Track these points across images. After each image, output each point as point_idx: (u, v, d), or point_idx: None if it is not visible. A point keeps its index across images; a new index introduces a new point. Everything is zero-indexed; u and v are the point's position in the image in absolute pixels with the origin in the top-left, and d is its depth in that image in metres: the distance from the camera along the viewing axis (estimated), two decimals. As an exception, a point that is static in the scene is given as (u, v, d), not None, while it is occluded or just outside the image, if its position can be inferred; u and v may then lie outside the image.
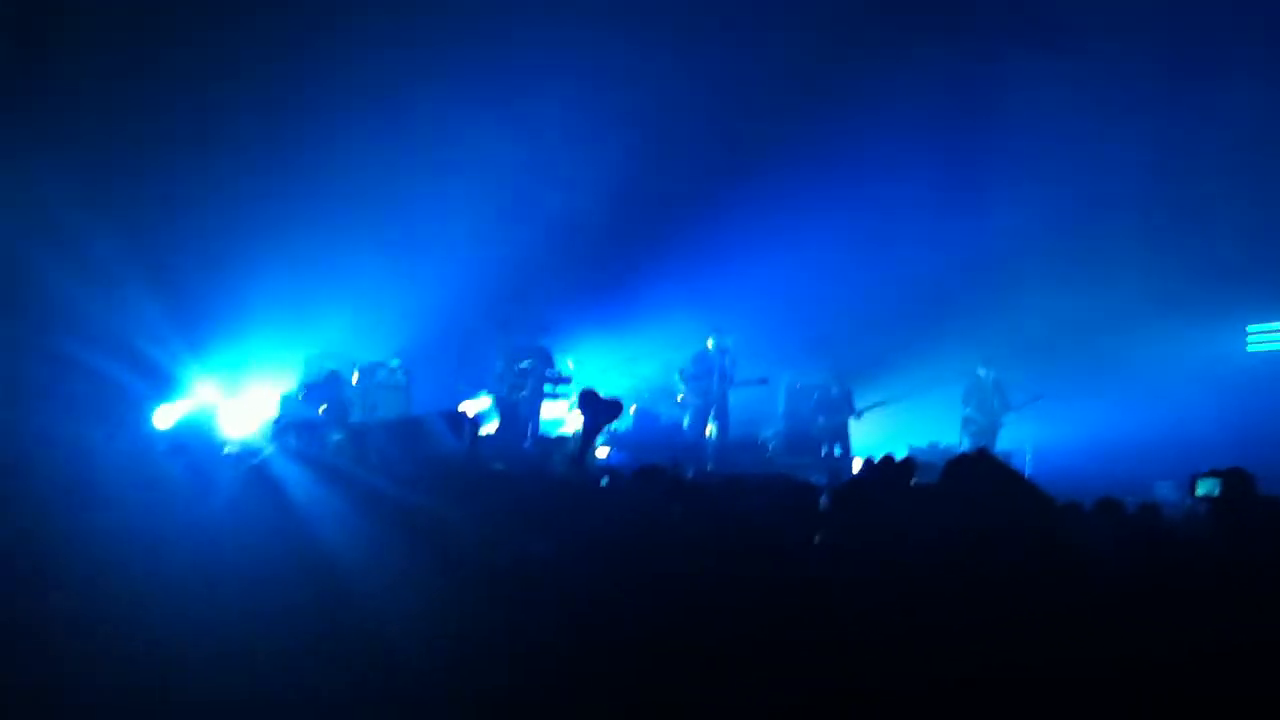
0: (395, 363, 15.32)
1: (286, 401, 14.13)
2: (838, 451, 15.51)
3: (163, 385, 13.39)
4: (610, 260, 16.99)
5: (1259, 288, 16.14)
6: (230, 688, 3.66)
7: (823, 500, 5.29)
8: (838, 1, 16.29)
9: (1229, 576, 4.36)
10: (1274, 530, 5.08)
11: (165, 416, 13.36)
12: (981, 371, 15.34)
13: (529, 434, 14.34)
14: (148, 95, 13.84)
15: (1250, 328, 16.92)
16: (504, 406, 14.56)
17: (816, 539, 4.20)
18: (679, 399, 15.41)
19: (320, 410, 13.49)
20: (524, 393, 14.62)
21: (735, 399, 15.57)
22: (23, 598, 4.30)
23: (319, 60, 14.83)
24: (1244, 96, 15.25)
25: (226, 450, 10.44)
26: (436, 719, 3.65)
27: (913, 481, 6.31)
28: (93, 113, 13.60)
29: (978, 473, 4.99)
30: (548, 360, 14.91)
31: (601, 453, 14.85)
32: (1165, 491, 12.73)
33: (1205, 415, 14.58)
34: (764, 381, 15.69)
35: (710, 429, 15.20)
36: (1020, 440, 15.17)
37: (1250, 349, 16.90)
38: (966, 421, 15.31)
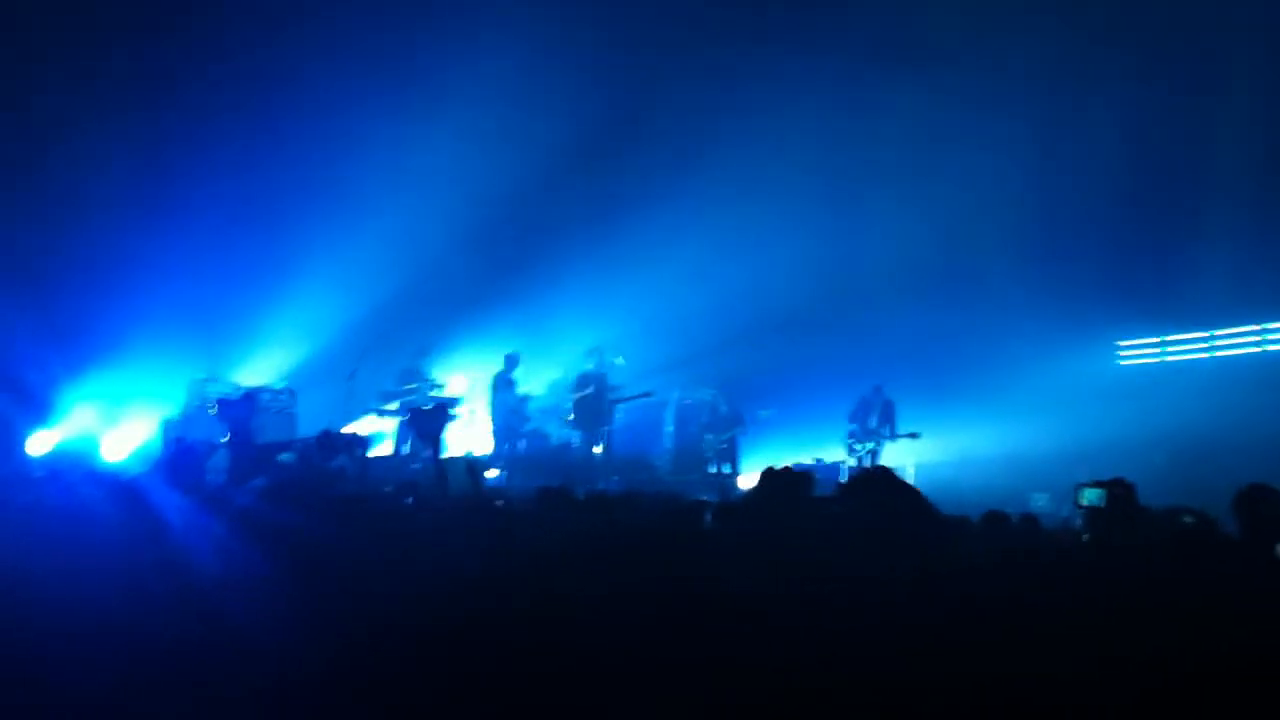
0: (281, 385, 15.08)
1: (168, 427, 13.82)
2: (726, 469, 15.69)
3: (38, 411, 13.05)
4: (497, 280, 16.94)
5: (1128, 304, 16.71)
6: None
7: (708, 516, 5.41)
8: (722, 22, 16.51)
9: (1109, 586, 4.51)
10: (1153, 540, 5.22)
11: (41, 443, 13.04)
12: (872, 392, 15.46)
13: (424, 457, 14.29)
14: (17, 101, 13.46)
15: (1120, 343, 17.72)
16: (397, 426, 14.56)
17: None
18: (568, 419, 15.40)
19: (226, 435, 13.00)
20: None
21: (623, 417, 15.68)
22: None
23: (192, 61, 14.45)
24: (1119, 113, 15.56)
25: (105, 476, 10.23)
26: None
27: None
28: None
29: (875, 487, 5.10)
30: (428, 380, 14.95)
31: (491, 473, 14.84)
32: (1040, 502, 13.24)
33: (1077, 428, 15.04)
34: (648, 395, 15.54)
35: (599, 448, 15.25)
36: (901, 456, 15.37)
37: (1121, 363, 17.69)
38: (851, 438, 15.47)
